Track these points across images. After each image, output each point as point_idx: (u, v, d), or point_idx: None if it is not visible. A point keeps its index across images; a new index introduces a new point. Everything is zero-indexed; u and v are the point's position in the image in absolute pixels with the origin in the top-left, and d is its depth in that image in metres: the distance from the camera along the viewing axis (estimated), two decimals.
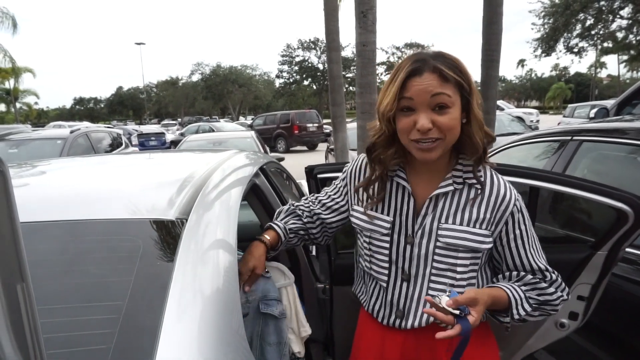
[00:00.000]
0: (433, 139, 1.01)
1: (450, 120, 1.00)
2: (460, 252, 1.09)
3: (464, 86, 1.01)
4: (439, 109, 1.00)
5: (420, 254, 1.12)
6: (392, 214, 1.15)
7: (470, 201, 1.10)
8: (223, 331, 0.83)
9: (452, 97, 1.00)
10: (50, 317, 0.75)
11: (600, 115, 4.78)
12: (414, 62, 1.01)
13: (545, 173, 1.45)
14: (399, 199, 1.15)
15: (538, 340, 1.58)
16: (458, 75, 1.00)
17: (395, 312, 1.16)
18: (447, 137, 1.02)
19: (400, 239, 1.14)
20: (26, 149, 6.52)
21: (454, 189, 1.10)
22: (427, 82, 0.99)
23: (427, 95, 0.99)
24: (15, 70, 29.72)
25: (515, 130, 8.94)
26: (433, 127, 1.00)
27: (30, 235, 0.94)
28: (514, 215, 1.11)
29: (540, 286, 1.12)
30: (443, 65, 0.99)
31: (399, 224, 1.14)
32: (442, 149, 1.04)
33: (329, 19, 7.46)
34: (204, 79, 50.12)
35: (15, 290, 0.37)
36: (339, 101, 7.58)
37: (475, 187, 1.10)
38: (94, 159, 2.04)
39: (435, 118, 1.00)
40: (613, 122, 2.55)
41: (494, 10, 5.37)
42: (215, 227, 1.06)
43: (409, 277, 1.13)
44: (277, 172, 2.31)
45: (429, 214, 1.11)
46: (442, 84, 0.99)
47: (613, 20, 20.00)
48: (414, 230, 1.12)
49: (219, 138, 8.47)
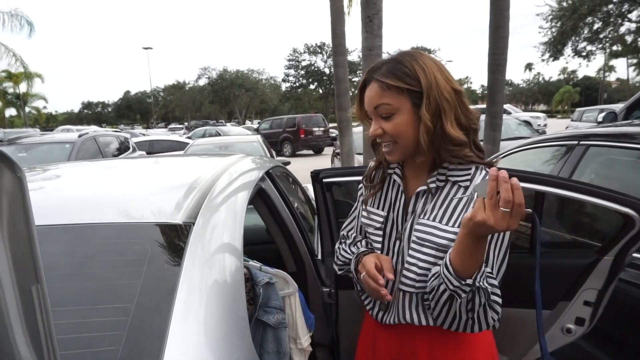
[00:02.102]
0: (387, 142, 1.10)
1: (395, 126, 1.06)
2: (425, 248, 1.08)
3: (413, 90, 1.03)
4: (385, 116, 1.07)
5: (402, 248, 1.15)
6: (386, 209, 1.20)
7: (448, 199, 1.10)
8: (229, 334, 0.84)
9: (394, 104, 1.05)
10: (60, 319, 0.76)
11: (608, 119, 4.74)
12: (366, 73, 1.11)
13: (551, 178, 1.45)
14: (393, 195, 1.20)
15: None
16: (404, 82, 1.03)
17: (379, 304, 1.21)
18: (399, 141, 1.08)
19: (392, 233, 1.18)
20: (35, 153, 6.60)
21: (437, 187, 1.11)
22: (370, 94, 1.09)
23: (371, 106, 1.09)
24: (26, 74, 30.07)
25: (522, 134, 8.90)
26: (384, 133, 1.09)
27: (40, 239, 0.96)
28: None
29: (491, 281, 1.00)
30: (384, 76, 1.05)
31: (391, 219, 1.19)
32: (400, 152, 1.10)
33: (335, 23, 7.48)
34: (211, 83, 50.37)
35: (30, 292, 0.39)
36: (345, 105, 7.59)
37: (459, 184, 1.09)
38: (101, 163, 2.07)
39: (383, 125, 1.08)
40: (621, 126, 2.54)
41: (500, 14, 5.36)
42: (222, 231, 1.07)
43: (395, 272, 1.15)
44: (283, 176, 2.32)
45: (415, 210, 1.14)
46: (382, 94, 1.06)
47: (622, 24, 19.86)
48: (403, 226, 1.16)
49: (225, 142, 8.52)
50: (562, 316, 1.53)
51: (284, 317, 1.45)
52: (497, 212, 0.83)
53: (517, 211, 0.82)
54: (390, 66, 1.06)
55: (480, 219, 0.85)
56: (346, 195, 2.29)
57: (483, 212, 0.85)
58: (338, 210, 1.76)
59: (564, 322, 1.52)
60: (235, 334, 0.86)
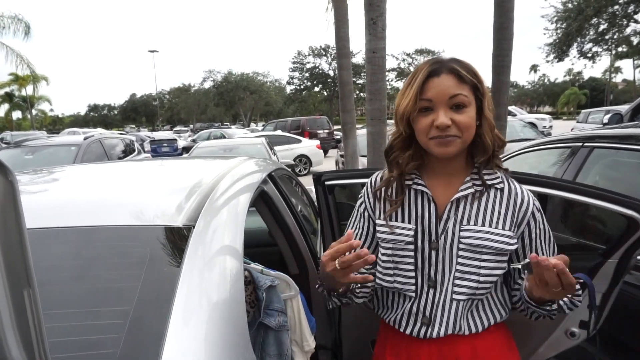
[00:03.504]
0: (451, 135, 1.04)
1: (468, 119, 1.04)
2: (484, 254, 1.08)
3: (478, 88, 1.06)
4: (456, 108, 1.04)
5: (445, 258, 1.11)
6: (413, 221, 1.14)
7: (491, 203, 1.10)
8: (228, 337, 0.84)
9: (469, 97, 1.04)
10: (58, 322, 0.76)
11: (614, 121, 4.72)
12: (432, 64, 1.06)
13: (554, 180, 1.44)
14: (419, 206, 1.14)
15: (548, 349, 1.56)
16: (473, 78, 1.05)
17: (422, 319, 1.14)
18: (464, 135, 1.05)
19: (424, 245, 1.13)
20: (41, 155, 6.66)
21: (474, 191, 1.10)
22: (445, 83, 1.03)
23: (445, 95, 1.03)
24: (33, 77, 30.34)
25: (527, 136, 8.86)
26: (451, 125, 1.03)
27: (41, 241, 0.97)
28: (535, 215, 1.12)
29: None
30: (459, 67, 1.04)
31: (421, 231, 1.13)
32: (459, 147, 1.06)
33: (339, 26, 7.49)
34: (216, 85, 50.62)
35: (22, 296, 0.39)
36: (349, 108, 7.59)
37: (495, 187, 1.11)
38: (106, 165, 2.08)
39: (454, 116, 1.03)
40: (627, 128, 2.52)
41: (505, 15, 5.34)
42: (223, 233, 1.07)
43: (435, 283, 1.12)
44: (286, 179, 2.32)
45: (450, 218, 1.11)
46: (459, 85, 1.03)
47: (628, 25, 19.74)
48: (438, 235, 1.11)
49: (230, 144, 8.57)
50: (566, 319, 1.51)
51: (286, 320, 1.44)
52: (551, 290, 0.92)
53: (568, 287, 0.91)
54: (458, 62, 1.06)
55: (538, 295, 0.98)
56: (349, 197, 2.29)
57: (538, 290, 0.96)
58: (340, 212, 1.75)
59: (568, 325, 1.50)
60: (235, 337, 0.86)
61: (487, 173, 1.12)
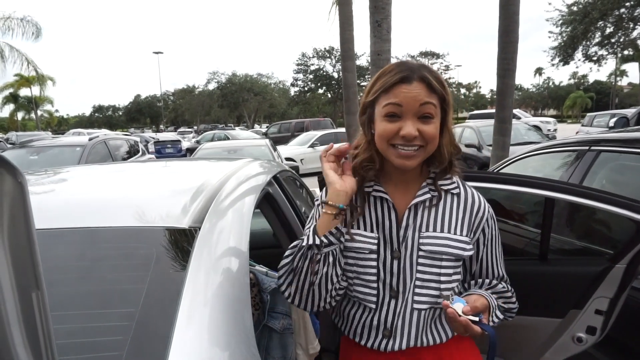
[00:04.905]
0: (416, 146, 1.02)
1: (434, 130, 1.02)
2: (444, 261, 1.07)
3: (445, 99, 1.04)
4: (423, 119, 1.02)
5: (405, 267, 1.08)
6: (375, 229, 1.11)
7: (448, 208, 1.10)
8: (234, 339, 0.84)
9: (437, 107, 1.03)
10: (64, 323, 0.76)
11: (620, 124, 4.69)
12: (403, 69, 1.02)
13: (561, 184, 1.43)
14: (380, 213, 1.11)
15: (554, 354, 1.55)
16: (442, 88, 1.03)
17: (383, 331, 1.10)
18: (428, 147, 1.03)
19: (386, 254, 1.09)
20: (46, 156, 6.68)
21: (431, 197, 1.10)
22: (416, 91, 1.00)
23: (416, 103, 1.00)
24: (39, 78, 30.49)
25: (531, 139, 8.84)
26: (418, 135, 1.01)
27: (47, 242, 0.97)
28: (488, 222, 1.14)
29: (507, 295, 1.17)
30: (430, 77, 1.02)
31: (383, 239, 1.10)
32: (422, 158, 1.05)
33: (344, 28, 7.51)
34: (220, 87, 50.71)
35: (30, 298, 0.39)
36: (353, 110, 7.60)
37: (451, 192, 1.11)
38: (110, 166, 2.08)
39: (420, 127, 1.01)
40: (633, 131, 2.50)
41: (510, 18, 5.33)
42: (228, 235, 1.07)
43: (397, 293, 1.08)
44: (291, 181, 2.32)
45: (410, 225, 1.09)
46: (429, 94, 1.01)
47: (634, 28, 19.65)
48: (399, 243, 1.08)
49: (234, 146, 8.57)
50: (573, 325, 1.50)
51: (290, 323, 1.44)
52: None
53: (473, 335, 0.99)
54: (429, 71, 1.03)
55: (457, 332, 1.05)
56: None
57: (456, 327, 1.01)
58: None
59: (575, 331, 1.49)
60: (240, 340, 0.86)
61: (442, 179, 1.12)
